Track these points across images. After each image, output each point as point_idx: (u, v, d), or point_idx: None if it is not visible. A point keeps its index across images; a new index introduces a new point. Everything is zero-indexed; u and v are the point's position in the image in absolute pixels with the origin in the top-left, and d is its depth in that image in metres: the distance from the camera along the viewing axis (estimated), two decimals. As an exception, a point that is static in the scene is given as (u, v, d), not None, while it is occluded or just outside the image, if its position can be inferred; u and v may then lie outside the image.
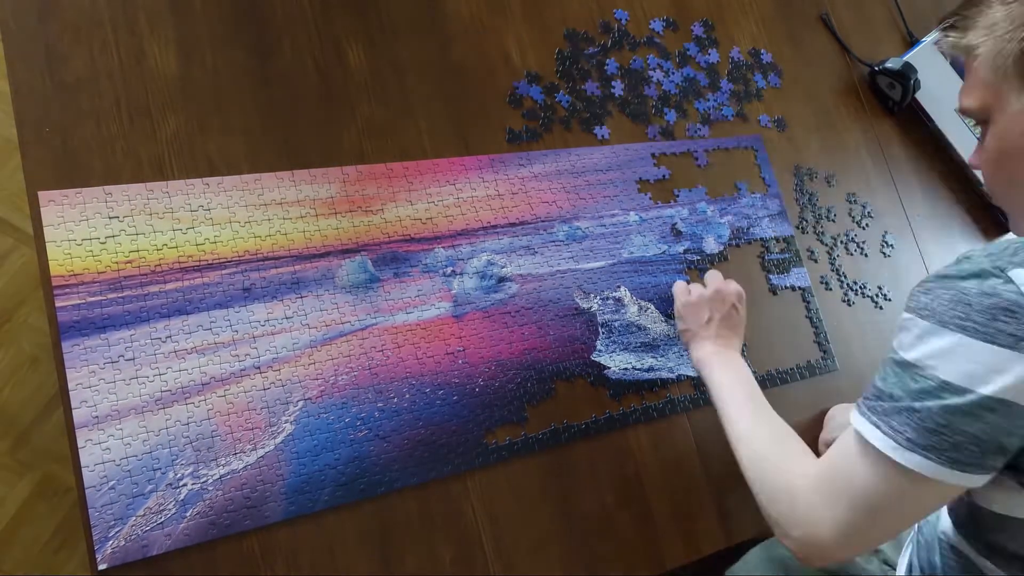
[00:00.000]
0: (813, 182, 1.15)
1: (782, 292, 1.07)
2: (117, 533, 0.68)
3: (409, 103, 0.92)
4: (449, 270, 0.87)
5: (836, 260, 1.13)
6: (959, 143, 1.25)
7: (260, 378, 0.76)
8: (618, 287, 0.95)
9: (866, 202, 1.18)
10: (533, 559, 0.82)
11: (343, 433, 0.77)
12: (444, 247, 0.88)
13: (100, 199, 0.75)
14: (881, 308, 1.13)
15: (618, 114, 1.04)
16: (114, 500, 0.68)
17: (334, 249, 0.83)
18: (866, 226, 1.17)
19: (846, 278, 1.12)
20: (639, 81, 1.07)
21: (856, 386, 1.05)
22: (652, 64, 1.09)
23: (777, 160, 1.13)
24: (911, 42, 1.32)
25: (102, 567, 0.67)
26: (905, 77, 1.21)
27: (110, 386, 0.71)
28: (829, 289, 1.11)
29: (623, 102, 1.05)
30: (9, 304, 1.38)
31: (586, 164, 0.99)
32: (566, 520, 0.84)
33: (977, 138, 0.69)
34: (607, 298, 0.94)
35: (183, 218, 0.78)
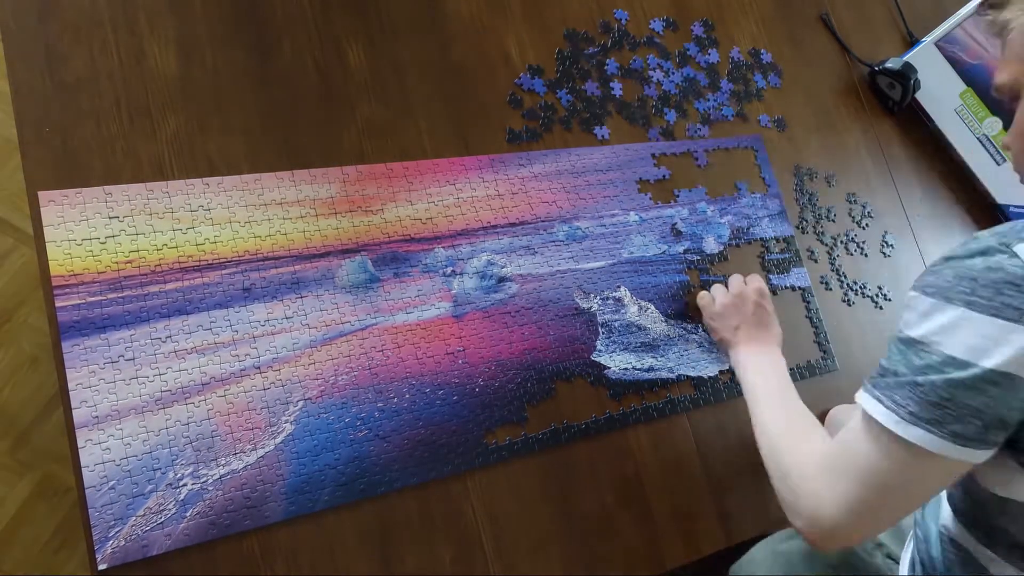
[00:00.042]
0: (813, 182, 1.15)
1: (782, 292, 1.07)
2: (117, 533, 0.68)
3: (409, 103, 0.92)
4: (449, 270, 0.87)
5: (836, 260, 1.13)
6: (959, 143, 1.25)
7: (260, 378, 0.76)
8: (618, 287, 0.95)
9: (866, 202, 1.18)
10: (533, 559, 0.82)
11: (343, 433, 0.77)
12: (444, 247, 0.88)
13: (100, 199, 0.75)
14: (881, 308, 1.13)
15: (618, 114, 1.04)
16: (114, 500, 0.68)
17: (334, 249, 0.83)
18: (866, 226, 1.17)
19: (846, 278, 1.12)
20: (639, 81, 1.07)
21: (856, 386, 1.04)
22: (652, 64, 1.09)
23: (777, 160, 1.13)
24: (911, 42, 1.32)
25: (102, 567, 0.67)
26: (905, 77, 1.21)
27: (110, 386, 0.71)
28: (829, 289, 1.11)
29: (623, 102, 1.05)
30: (9, 304, 1.38)
31: (586, 164, 0.99)
32: (566, 520, 0.84)
33: (978, 138, 0.69)
34: (607, 298, 0.94)
35: (183, 218, 0.78)
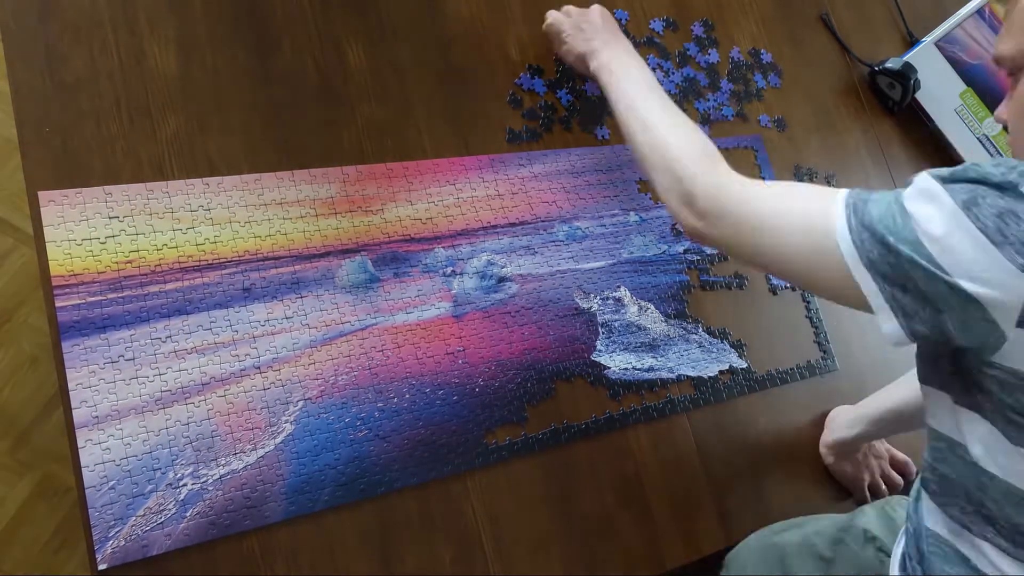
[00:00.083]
0: (813, 182, 1.15)
1: (782, 292, 1.07)
2: (117, 533, 0.68)
3: (409, 103, 0.92)
4: (449, 270, 0.87)
5: (836, 260, 1.12)
6: (959, 143, 1.25)
7: (260, 378, 0.76)
8: (618, 287, 0.95)
9: (866, 202, 1.18)
10: (533, 559, 0.82)
11: (343, 433, 0.77)
12: (444, 247, 0.88)
13: (100, 199, 0.75)
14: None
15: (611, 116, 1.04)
16: (114, 500, 0.68)
17: (334, 249, 0.83)
18: (866, 226, 1.17)
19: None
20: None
21: (856, 386, 1.05)
22: (652, 64, 1.09)
23: (777, 160, 1.13)
24: (911, 42, 1.32)
25: (102, 567, 0.67)
26: (905, 77, 1.21)
27: (110, 386, 0.71)
28: (829, 289, 1.10)
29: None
30: (9, 304, 1.38)
31: (586, 164, 0.99)
32: (566, 520, 0.84)
33: (978, 138, 0.68)
34: (607, 298, 0.94)
35: (183, 218, 0.78)
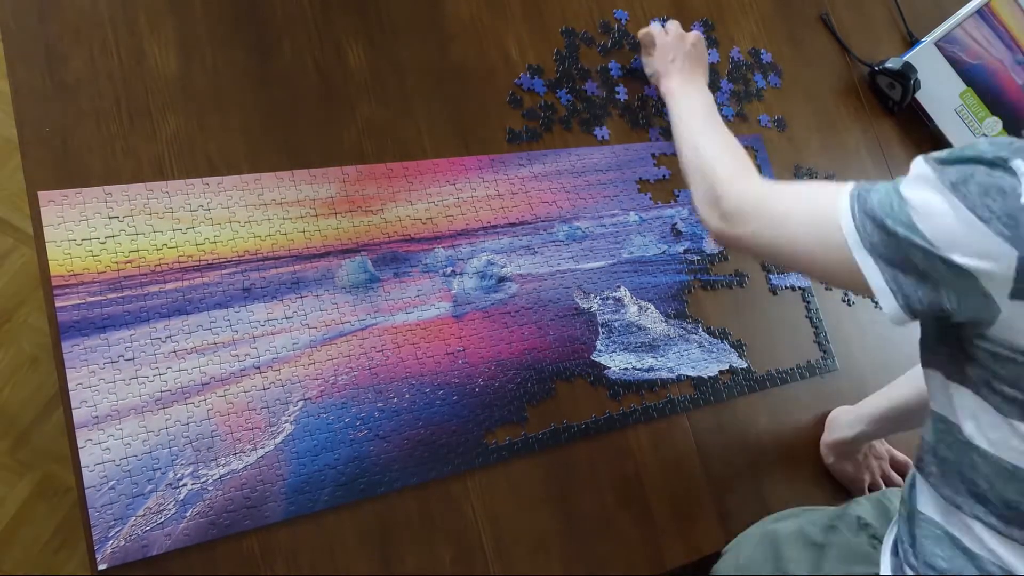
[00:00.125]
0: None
1: (782, 292, 1.07)
2: (117, 533, 0.68)
3: (409, 103, 0.92)
4: (449, 270, 0.87)
5: (836, 260, 1.12)
6: (959, 143, 1.25)
7: (260, 378, 0.76)
8: (618, 287, 0.95)
9: (866, 202, 1.18)
10: (533, 559, 0.82)
11: (343, 433, 0.77)
12: (444, 247, 0.88)
13: (100, 199, 0.75)
14: (881, 308, 1.12)
15: (618, 115, 1.04)
16: (114, 500, 0.68)
17: (334, 249, 0.83)
18: (866, 226, 1.17)
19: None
20: (640, 81, 1.07)
21: (856, 386, 1.05)
22: (652, 64, 1.09)
23: (777, 160, 1.13)
24: (911, 42, 1.32)
25: (102, 567, 0.67)
26: (905, 77, 1.21)
27: (110, 386, 0.71)
28: (829, 289, 1.10)
29: (623, 103, 1.05)
30: (9, 304, 1.38)
31: (586, 164, 0.99)
32: (566, 520, 0.84)
33: (977, 138, 0.69)
34: (607, 298, 0.94)
35: (183, 218, 0.78)
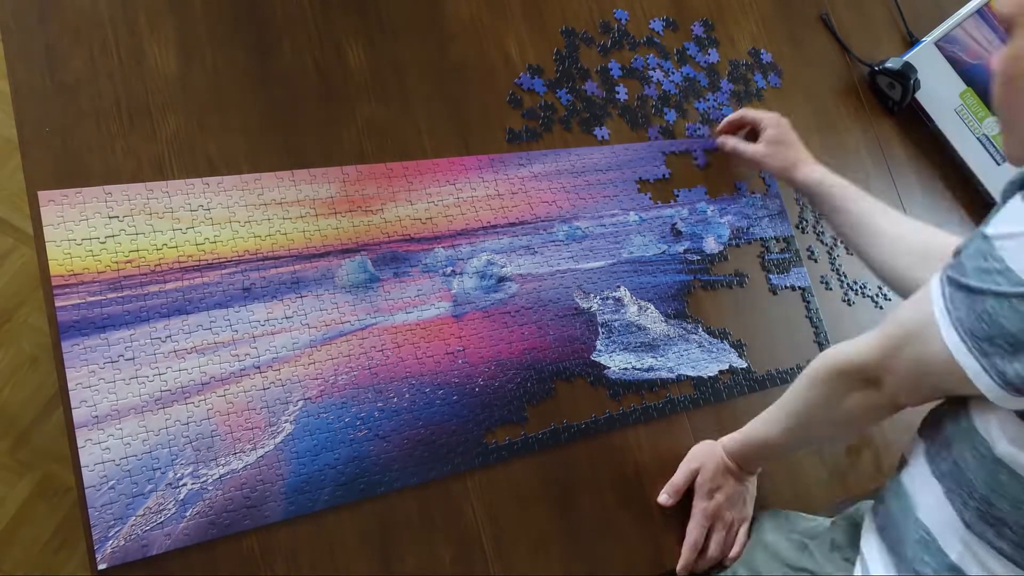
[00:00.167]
0: (813, 182, 1.15)
1: (782, 292, 1.07)
2: (117, 533, 0.68)
3: (409, 103, 0.92)
4: (449, 270, 0.87)
5: (836, 260, 1.13)
6: (959, 143, 1.25)
7: (260, 378, 0.76)
8: (618, 287, 0.95)
9: (866, 202, 1.18)
10: (533, 559, 0.82)
11: (343, 433, 0.77)
12: (444, 247, 0.88)
13: (100, 199, 0.75)
14: (881, 308, 1.13)
15: (618, 115, 1.04)
16: (114, 500, 0.68)
17: (334, 249, 0.83)
18: (866, 226, 1.17)
19: (846, 278, 1.12)
20: (639, 81, 1.07)
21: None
22: (652, 64, 1.09)
23: (777, 160, 1.13)
24: (911, 42, 1.32)
25: (102, 567, 0.67)
26: (905, 77, 1.21)
27: (110, 386, 0.71)
28: (829, 289, 1.11)
29: (623, 102, 1.05)
30: (9, 304, 1.38)
31: (586, 164, 0.99)
32: (566, 520, 0.84)
33: (978, 138, 0.69)
34: (607, 298, 0.94)
35: (183, 218, 0.78)
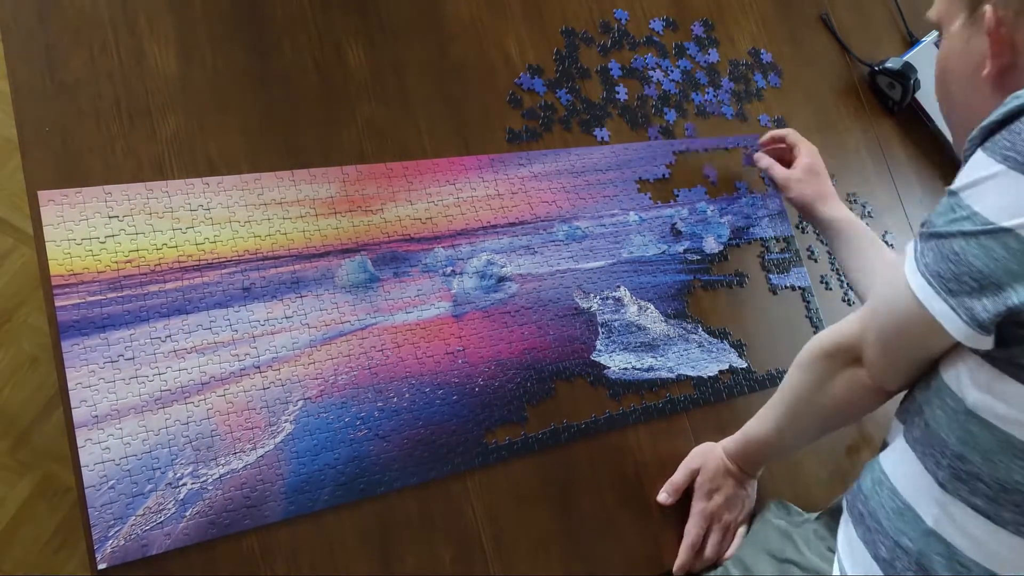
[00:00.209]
0: (813, 182, 1.15)
1: (782, 292, 1.07)
2: (117, 533, 0.68)
3: (409, 103, 0.92)
4: (449, 270, 0.87)
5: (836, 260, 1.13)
6: (959, 143, 1.25)
7: (260, 377, 0.76)
8: (618, 287, 0.95)
9: (866, 202, 1.18)
10: (533, 559, 0.82)
11: (343, 433, 0.77)
12: (444, 247, 0.88)
13: (100, 199, 0.75)
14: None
15: (618, 115, 1.04)
16: (114, 500, 0.68)
17: (334, 249, 0.83)
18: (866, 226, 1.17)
19: (846, 278, 1.12)
20: (639, 81, 1.07)
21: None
22: (652, 64, 1.09)
23: (777, 160, 1.13)
24: (911, 42, 1.32)
25: (102, 567, 0.67)
26: (905, 77, 1.21)
27: (110, 385, 0.71)
28: (829, 289, 1.11)
29: (623, 102, 1.05)
30: (9, 304, 1.39)
31: (586, 164, 0.99)
32: (566, 520, 0.84)
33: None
34: (607, 298, 0.94)
35: (183, 218, 0.78)
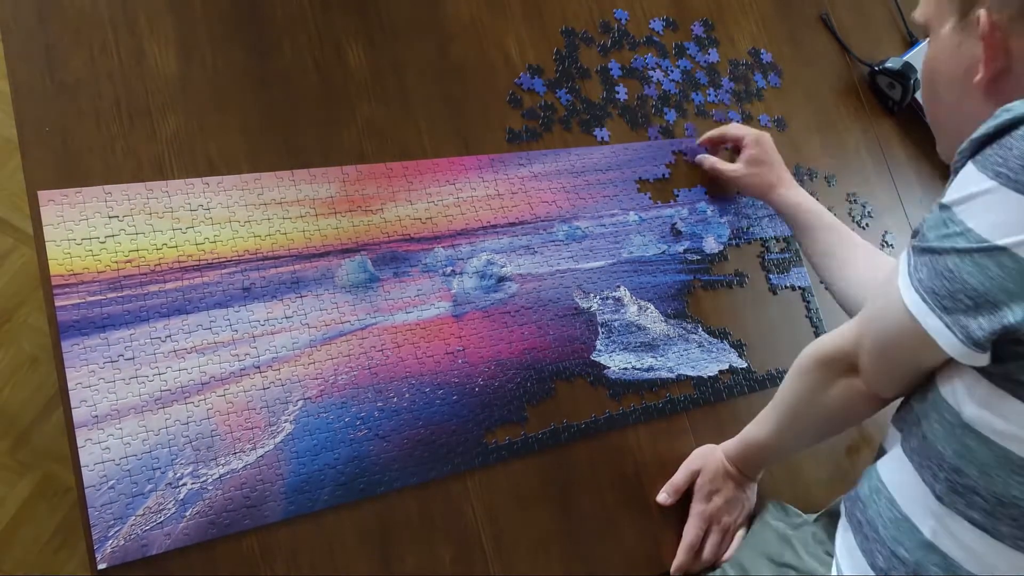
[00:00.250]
0: (813, 182, 1.15)
1: (782, 292, 1.07)
2: (117, 533, 0.68)
3: (409, 103, 0.92)
4: (449, 270, 0.87)
5: (836, 260, 1.12)
6: (959, 143, 1.25)
7: (260, 377, 0.76)
8: (618, 287, 0.95)
9: (866, 202, 1.18)
10: (533, 559, 0.82)
11: (343, 432, 0.77)
12: (444, 247, 0.88)
13: (100, 199, 0.75)
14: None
15: (618, 115, 1.04)
16: (114, 500, 0.68)
17: (334, 249, 0.83)
18: (866, 226, 1.17)
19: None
20: (639, 81, 1.07)
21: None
22: (651, 64, 1.09)
23: (777, 160, 1.13)
24: (911, 42, 1.32)
25: (102, 567, 0.67)
26: (905, 77, 1.21)
27: (110, 385, 0.71)
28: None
29: (623, 103, 1.05)
30: (9, 304, 1.39)
31: (586, 164, 0.99)
32: (566, 520, 0.84)
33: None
34: (607, 298, 0.94)
35: (183, 217, 0.78)
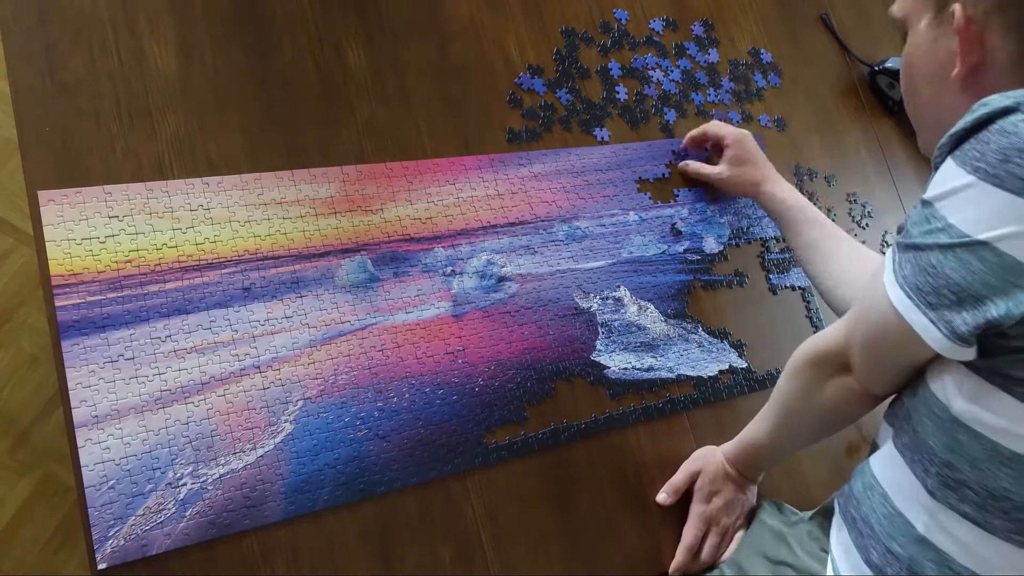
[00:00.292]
0: (813, 182, 1.15)
1: (782, 292, 1.07)
2: (117, 532, 0.68)
3: (409, 103, 0.92)
4: (449, 270, 0.87)
5: (836, 260, 1.12)
6: (959, 143, 1.25)
7: (260, 377, 0.76)
8: (618, 287, 0.95)
9: (866, 202, 1.18)
10: (533, 559, 0.82)
11: (343, 433, 0.77)
12: (444, 247, 0.88)
13: (100, 199, 0.75)
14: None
15: (618, 115, 1.04)
16: (114, 500, 0.68)
17: (334, 249, 0.83)
18: (866, 226, 1.17)
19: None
20: (639, 81, 1.07)
21: (856, 386, 1.05)
22: (651, 64, 1.09)
23: (777, 160, 1.13)
24: (911, 42, 1.32)
25: (102, 567, 0.67)
26: (905, 77, 1.21)
27: (110, 385, 0.71)
28: (829, 289, 1.10)
29: (623, 103, 1.05)
30: (9, 304, 1.39)
31: (586, 164, 0.99)
32: (566, 520, 0.84)
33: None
34: (607, 298, 0.94)
35: (183, 217, 0.78)
